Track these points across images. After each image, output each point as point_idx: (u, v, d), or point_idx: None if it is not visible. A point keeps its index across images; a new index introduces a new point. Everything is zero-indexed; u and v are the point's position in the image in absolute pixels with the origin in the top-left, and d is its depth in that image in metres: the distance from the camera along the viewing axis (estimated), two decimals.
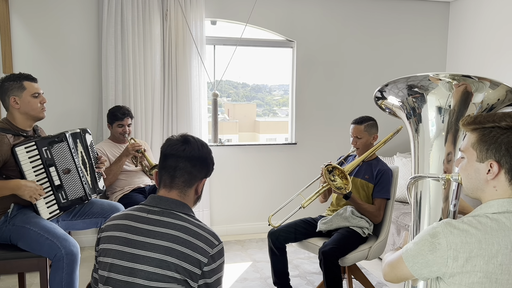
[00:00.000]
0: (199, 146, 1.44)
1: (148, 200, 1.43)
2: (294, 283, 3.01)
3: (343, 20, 4.35)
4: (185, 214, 1.38)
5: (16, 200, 2.27)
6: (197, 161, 1.43)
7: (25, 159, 2.22)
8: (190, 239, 1.30)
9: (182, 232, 1.31)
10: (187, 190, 1.43)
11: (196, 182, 1.45)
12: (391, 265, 1.35)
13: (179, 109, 3.88)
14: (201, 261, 1.29)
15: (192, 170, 1.42)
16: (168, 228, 1.32)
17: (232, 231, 4.28)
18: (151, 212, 1.37)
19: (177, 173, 1.41)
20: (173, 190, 1.42)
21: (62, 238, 2.19)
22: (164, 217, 1.35)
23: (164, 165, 1.43)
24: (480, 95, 1.49)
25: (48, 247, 2.17)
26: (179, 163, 1.40)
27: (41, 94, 2.37)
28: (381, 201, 2.72)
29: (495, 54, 4.04)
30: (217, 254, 1.33)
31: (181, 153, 1.40)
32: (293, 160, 4.39)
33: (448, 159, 1.53)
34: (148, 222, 1.34)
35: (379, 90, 1.72)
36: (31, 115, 2.34)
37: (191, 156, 1.41)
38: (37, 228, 2.20)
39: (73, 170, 2.42)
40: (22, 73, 2.37)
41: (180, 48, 3.82)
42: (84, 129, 2.64)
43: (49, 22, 3.63)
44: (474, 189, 1.28)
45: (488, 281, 1.17)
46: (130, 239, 1.32)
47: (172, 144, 1.43)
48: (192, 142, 1.44)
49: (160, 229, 1.32)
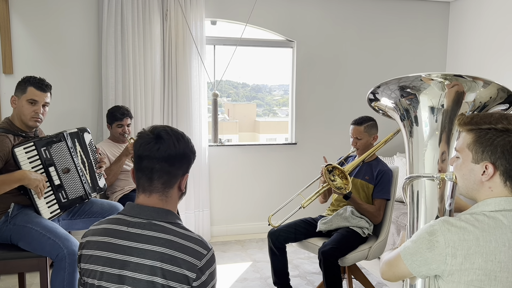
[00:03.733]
0: (175, 142, 1.27)
1: (127, 209, 1.29)
2: (294, 283, 3.01)
3: (343, 20, 4.35)
4: (169, 223, 1.25)
5: (16, 199, 2.27)
6: (175, 159, 1.27)
7: (25, 159, 2.22)
8: (176, 254, 1.18)
9: (167, 247, 1.19)
10: (169, 191, 1.29)
11: (177, 181, 1.31)
12: (389, 264, 1.35)
13: (179, 109, 3.89)
14: (189, 277, 1.18)
15: (170, 170, 1.27)
16: (151, 244, 1.20)
17: (232, 231, 4.28)
18: (131, 224, 1.24)
19: (154, 175, 1.26)
20: (153, 194, 1.28)
21: (64, 238, 2.19)
22: (145, 230, 1.22)
23: (140, 167, 1.28)
24: (473, 94, 1.49)
25: (50, 247, 2.16)
26: (155, 165, 1.25)
27: (41, 104, 2.32)
28: (381, 201, 2.72)
29: (495, 54, 4.04)
30: (205, 265, 1.21)
31: (155, 154, 1.25)
32: (293, 160, 4.39)
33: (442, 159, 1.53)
34: (129, 237, 1.22)
35: (372, 92, 1.72)
36: (22, 120, 2.32)
37: (167, 156, 1.26)
38: (39, 227, 2.20)
39: (72, 169, 2.42)
40: (37, 78, 2.34)
41: (180, 48, 3.82)
42: (82, 128, 2.61)
43: (49, 22, 3.64)
44: (469, 189, 1.29)
45: (487, 278, 1.17)
46: (113, 259, 1.21)
47: (144, 143, 1.27)
48: (165, 138, 1.26)
49: (143, 246, 1.20)
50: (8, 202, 2.27)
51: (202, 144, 4.00)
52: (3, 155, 2.20)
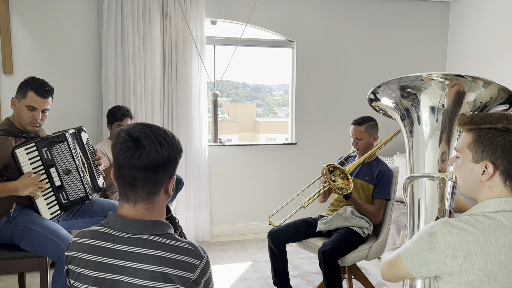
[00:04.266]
0: (157, 147, 1.14)
1: (111, 222, 1.19)
2: (294, 283, 3.01)
3: (343, 19, 4.35)
4: (157, 236, 1.16)
5: (18, 200, 2.27)
6: (159, 166, 1.16)
7: (25, 160, 2.21)
8: (167, 271, 1.12)
9: (157, 265, 1.12)
10: (155, 197, 1.20)
11: (163, 186, 1.21)
12: (390, 264, 1.35)
13: (179, 109, 3.88)
14: None
15: (155, 177, 1.17)
16: (140, 262, 1.12)
17: (232, 231, 4.28)
18: (116, 240, 1.15)
19: (137, 183, 1.16)
20: (138, 203, 1.18)
21: (66, 239, 2.19)
22: (133, 247, 1.14)
23: (121, 175, 1.17)
24: (473, 94, 1.49)
25: (52, 248, 2.16)
26: (137, 174, 1.15)
27: (40, 110, 2.30)
28: (381, 201, 2.72)
29: (495, 54, 4.04)
30: (200, 275, 1.15)
31: (136, 163, 1.13)
32: (293, 160, 4.39)
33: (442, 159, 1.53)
34: (116, 255, 1.14)
35: (372, 91, 1.72)
36: (19, 123, 2.33)
37: (150, 164, 1.14)
38: (40, 228, 2.19)
39: (73, 170, 2.41)
40: (39, 82, 2.30)
41: (180, 48, 3.82)
42: (79, 127, 2.59)
43: (49, 22, 3.64)
44: (469, 189, 1.29)
45: (487, 279, 1.17)
46: (103, 278, 1.15)
47: (123, 150, 1.14)
48: (146, 144, 1.14)
49: (131, 264, 1.13)
50: (10, 203, 2.26)
51: (202, 144, 4.00)
52: (3, 159, 2.20)
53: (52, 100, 2.38)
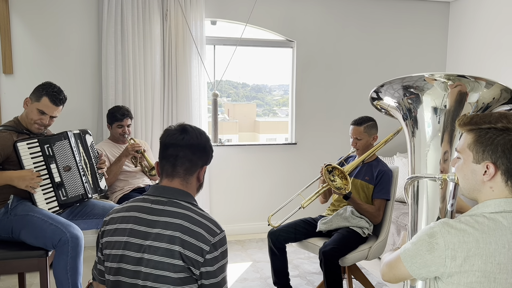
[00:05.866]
0: (197, 135, 1.46)
1: (151, 190, 1.44)
2: (294, 283, 3.01)
3: (343, 20, 4.35)
4: (187, 203, 1.40)
5: (16, 191, 2.28)
6: (197, 149, 1.45)
7: (27, 154, 2.25)
8: (192, 227, 1.32)
9: (185, 221, 1.33)
10: (189, 178, 1.45)
11: (197, 170, 1.47)
12: (389, 265, 1.35)
13: (179, 109, 3.89)
14: (204, 249, 1.31)
15: (192, 158, 1.44)
16: (172, 217, 1.34)
17: (232, 231, 4.28)
18: (155, 202, 1.39)
19: (178, 161, 1.43)
20: (175, 178, 1.43)
21: (66, 223, 2.22)
22: (167, 206, 1.37)
23: (165, 155, 1.44)
24: (476, 94, 1.49)
25: (51, 233, 2.17)
26: (180, 152, 1.42)
27: (49, 116, 2.38)
28: (381, 201, 2.72)
29: (495, 54, 4.04)
30: (218, 242, 1.34)
31: (180, 142, 1.42)
32: (293, 160, 4.39)
33: (444, 159, 1.53)
34: (152, 212, 1.36)
35: (375, 90, 1.72)
36: (26, 122, 2.39)
37: (191, 144, 1.43)
38: (40, 215, 2.22)
39: (73, 168, 2.45)
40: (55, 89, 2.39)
41: (180, 48, 3.82)
42: (84, 130, 2.65)
43: (49, 22, 3.64)
44: (470, 189, 1.28)
45: (487, 280, 1.17)
46: (136, 230, 1.35)
47: (171, 134, 1.45)
48: (190, 131, 1.46)
49: (164, 219, 1.34)
50: (7, 193, 2.28)
51: None
52: (3, 151, 2.23)
53: (62, 108, 2.45)
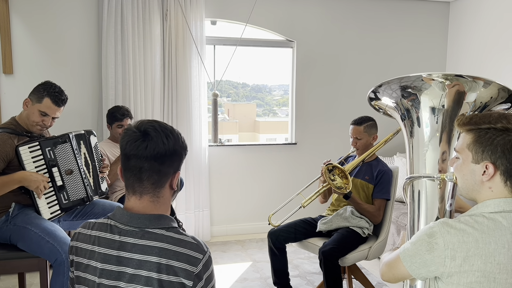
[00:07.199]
0: (163, 140, 1.19)
1: (118, 215, 1.23)
2: (294, 283, 3.01)
3: (343, 20, 4.35)
4: (162, 229, 1.20)
5: (17, 199, 2.27)
6: (165, 157, 1.20)
7: (28, 159, 2.22)
8: (170, 263, 1.14)
9: (161, 256, 1.15)
10: (160, 191, 1.23)
11: (169, 179, 1.24)
12: (389, 265, 1.35)
13: (179, 109, 3.89)
14: (186, 284, 1.14)
15: (160, 168, 1.20)
16: (145, 254, 1.15)
17: (232, 231, 4.28)
18: (123, 233, 1.19)
19: (143, 175, 1.19)
20: (144, 196, 1.22)
21: (63, 242, 2.17)
22: (138, 239, 1.18)
23: (127, 166, 1.21)
24: (473, 94, 1.49)
25: (48, 251, 2.15)
26: (144, 164, 1.18)
27: (51, 117, 2.34)
28: (381, 201, 2.72)
29: (495, 54, 4.04)
30: (202, 269, 1.17)
31: (143, 153, 1.17)
32: (293, 160, 4.39)
33: (443, 159, 1.53)
34: (122, 247, 1.18)
35: (373, 91, 1.72)
36: (26, 124, 2.35)
37: (156, 154, 1.18)
38: (38, 229, 2.18)
39: (75, 171, 2.42)
40: (57, 89, 2.35)
41: (180, 48, 3.82)
42: (89, 130, 2.61)
43: (49, 22, 3.64)
44: (469, 189, 1.28)
45: (486, 280, 1.17)
46: (108, 270, 1.18)
47: (131, 141, 1.18)
48: (153, 135, 1.18)
49: (137, 256, 1.16)
50: (9, 201, 2.26)
51: (202, 144, 4.00)
52: (5, 156, 2.20)
53: (63, 108, 2.42)
